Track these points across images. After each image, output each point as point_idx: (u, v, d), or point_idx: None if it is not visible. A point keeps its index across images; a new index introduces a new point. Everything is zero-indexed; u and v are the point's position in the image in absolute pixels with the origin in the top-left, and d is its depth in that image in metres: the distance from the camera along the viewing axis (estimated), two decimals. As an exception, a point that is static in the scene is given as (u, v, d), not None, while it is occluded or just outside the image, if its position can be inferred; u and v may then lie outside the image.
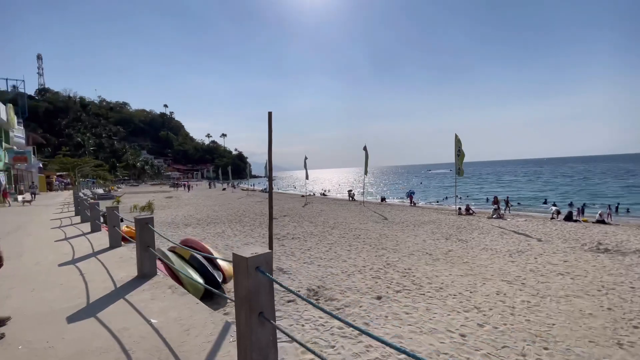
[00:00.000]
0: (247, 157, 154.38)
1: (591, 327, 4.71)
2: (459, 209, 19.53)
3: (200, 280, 5.67)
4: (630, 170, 73.40)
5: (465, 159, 19.25)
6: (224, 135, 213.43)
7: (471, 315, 5.21)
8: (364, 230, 13.38)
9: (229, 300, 5.67)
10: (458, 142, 19.15)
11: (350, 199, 32.45)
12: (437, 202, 33.88)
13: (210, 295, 5.87)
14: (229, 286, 6.48)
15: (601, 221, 16.33)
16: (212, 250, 6.71)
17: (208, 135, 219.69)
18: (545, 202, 29.25)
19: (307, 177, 31.84)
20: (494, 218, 16.79)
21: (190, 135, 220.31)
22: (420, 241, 11.27)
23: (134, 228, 12.13)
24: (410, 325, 4.84)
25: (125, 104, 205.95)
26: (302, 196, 34.82)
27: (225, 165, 74.25)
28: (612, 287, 6.41)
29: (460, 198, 35.57)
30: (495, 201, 21.39)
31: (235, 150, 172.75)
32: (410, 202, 29.36)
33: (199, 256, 6.32)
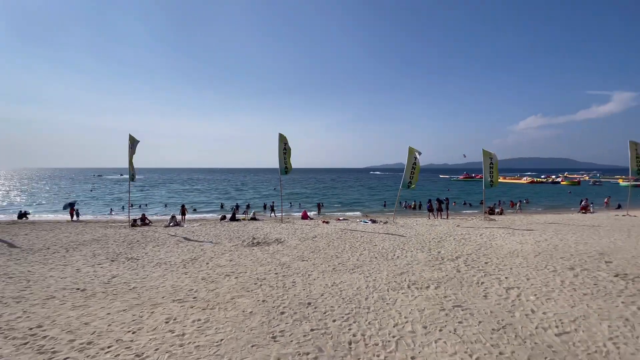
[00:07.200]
0: None
1: (252, 329, 4.96)
2: (134, 220, 17.24)
3: None
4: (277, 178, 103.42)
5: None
6: None
7: (130, 372, 3.87)
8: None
9: None
10: (133, 142, 16.84)
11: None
12: (110, 213, 28.70)
13: None
14: None
15: (254, 218, 20.67)
16: None
17: None
18: (222, 207, 32.72)
19: None
20: (171, 226, 16.29)
21: None
22: (72, 272, 8.22)
23: None
24: None
25: None
26: None
27: None
28: (264, 277, 7.56)
29: (140, 206, 32.60)
30: (183, 209, 21.25)
31: None
32: (72, 217, 22.61)
33: None
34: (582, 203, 25.89)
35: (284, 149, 18.01)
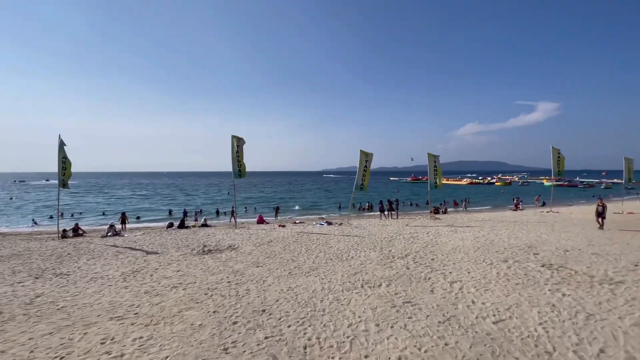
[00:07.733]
0: None
1: (202, 342, 4.65)
2: (64, 230, 15.38)
3: None
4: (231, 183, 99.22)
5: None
6: None
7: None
8: None
9: None
10: (62, 147, 15.03)
11: None
12: (34, 224, 25.29)
13: None
14: None
15: (205, 225, 19.68)
16: None
17: None
18: (170, 213, 30.66)
19: None
20: (110, 236, 14.83)
21: None
22: (-17, 294, 7.05)
23: None
24: None
25: None
26: None
27: None
28: (215, 287, 7.19)
29: (72, 215, 29.25)
30: (124, 218, 19.39)
31: None
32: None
33: None
34: (515, 201, 28.96)
35: (237, 151, 17.46)
